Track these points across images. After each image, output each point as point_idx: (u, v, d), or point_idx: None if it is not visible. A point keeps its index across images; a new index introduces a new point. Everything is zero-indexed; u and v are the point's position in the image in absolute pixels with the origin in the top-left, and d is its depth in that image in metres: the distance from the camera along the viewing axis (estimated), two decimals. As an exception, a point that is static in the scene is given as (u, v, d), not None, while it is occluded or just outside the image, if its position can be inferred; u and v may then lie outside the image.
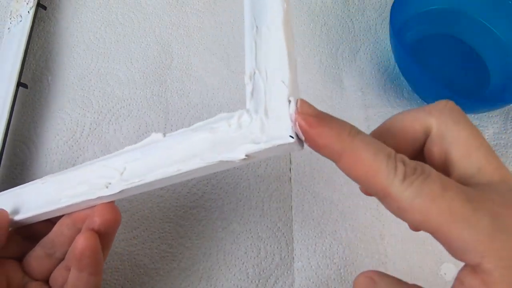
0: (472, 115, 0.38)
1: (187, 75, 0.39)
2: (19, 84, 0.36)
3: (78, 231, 0.26)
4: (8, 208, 0.26)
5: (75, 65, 0.40)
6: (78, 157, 0.36)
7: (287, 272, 0.32)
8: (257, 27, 0.21)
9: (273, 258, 0.32)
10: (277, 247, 0.33)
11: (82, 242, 0.24)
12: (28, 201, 0.26)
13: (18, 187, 0.28)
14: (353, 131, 0.17)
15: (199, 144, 0.20)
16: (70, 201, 0.24)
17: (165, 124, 0.37)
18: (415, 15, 0.41)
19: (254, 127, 0.19)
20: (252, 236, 0.33)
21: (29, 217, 0.26)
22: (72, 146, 0.36)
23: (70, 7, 0.43)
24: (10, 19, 0.39)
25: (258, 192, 0.34)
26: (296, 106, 0.18)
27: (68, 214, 0.26)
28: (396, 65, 0.39)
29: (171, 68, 0.40)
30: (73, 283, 0.25)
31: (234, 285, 0.32)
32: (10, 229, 0.27)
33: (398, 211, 0.17)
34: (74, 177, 0.25)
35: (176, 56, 0.40)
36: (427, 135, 0.19)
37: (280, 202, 0.34)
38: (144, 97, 0.38)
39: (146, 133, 0.37)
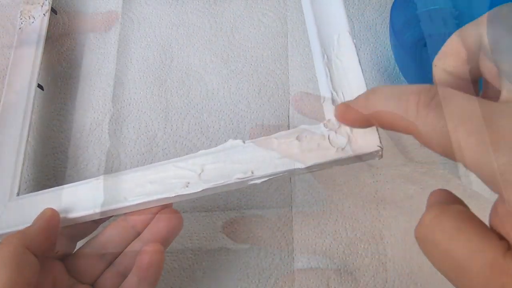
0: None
1: (187, 75, 0.40)
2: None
3: (136, 234, 0.26)
4: (55, 207, 0.26)
5: (75, 65, 0.40)
6: (78, 157, 0.36)
7: (287, 272, 0.32)
8: (327, 56, 0.26)
9: (273, 258, 0.32)
10: (277, 247, 0.33)
11: (152, 252, 0.24)
12: (82, 199, 0.26)
13: (63, 186, 0.27)
14: (370, 95, 0.19)
15: (284, 149, 0.23)
16: (141, 199, 0.24)
17: (165, 124, 0.37)
18: (415, 15, 0.41)
19: (339, 138, 0.22)
20: (252, 236, 0.33)
21: (84, 216, 0.26)
22: (72, 146, 0.36)
23: (73, 7, 0.43)
24: (21, 19, 0.39)
25: (258, 192, 0.34)
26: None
27: (124, 216, 0.26)
28: (396, 65, 0.39)
29: (171, 68, 0.40)
30: None
31: (234, 285, 0.32)
32: None
33: (426, 145, 0.16)
34: (140, 177, 0.25)
35: (176, 56, 0.40)
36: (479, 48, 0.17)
37: (280, 202, 0.34)
38: (144, 97, 0.38)
39: (146, 133, 0.37)
